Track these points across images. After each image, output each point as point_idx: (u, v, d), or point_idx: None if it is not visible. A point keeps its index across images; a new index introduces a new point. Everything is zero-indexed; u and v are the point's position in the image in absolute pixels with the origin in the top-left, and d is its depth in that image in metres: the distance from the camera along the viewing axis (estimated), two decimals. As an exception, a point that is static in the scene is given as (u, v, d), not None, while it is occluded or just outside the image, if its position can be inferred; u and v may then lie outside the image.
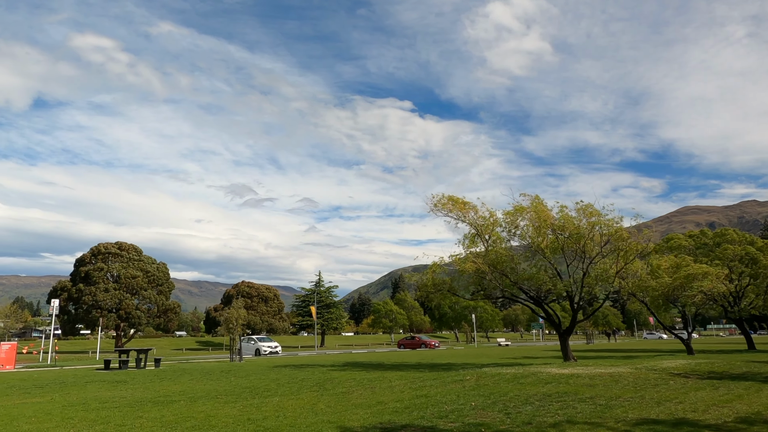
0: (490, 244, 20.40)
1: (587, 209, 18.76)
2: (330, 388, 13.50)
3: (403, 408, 9.97)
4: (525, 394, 11.55)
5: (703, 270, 22.92)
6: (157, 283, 68.96)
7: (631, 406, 9.84)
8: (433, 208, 20.61)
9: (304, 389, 13.31)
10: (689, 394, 11.23)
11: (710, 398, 10.70)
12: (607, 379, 13.96)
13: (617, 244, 18.53)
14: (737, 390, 11.90)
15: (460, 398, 11.13)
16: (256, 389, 13.49)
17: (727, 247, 30.78)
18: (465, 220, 20.61)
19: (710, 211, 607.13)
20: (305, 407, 10.25)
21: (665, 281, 23.05)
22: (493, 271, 19.57)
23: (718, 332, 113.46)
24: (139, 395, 12.68)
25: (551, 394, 11.41)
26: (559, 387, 12.58)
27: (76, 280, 65.84)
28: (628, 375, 14.83)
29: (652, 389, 12.06)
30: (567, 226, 18.26)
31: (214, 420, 9.02)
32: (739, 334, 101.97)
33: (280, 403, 11.00)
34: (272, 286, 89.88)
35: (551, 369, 16.61)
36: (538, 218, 18.52)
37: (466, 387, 13.02)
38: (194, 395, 12.49)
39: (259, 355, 40.45)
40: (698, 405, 9.90)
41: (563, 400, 10.65)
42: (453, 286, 20.50)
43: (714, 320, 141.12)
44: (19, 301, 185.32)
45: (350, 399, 11.34)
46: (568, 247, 19.02)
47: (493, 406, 9.96)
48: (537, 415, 9.01)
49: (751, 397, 10.78)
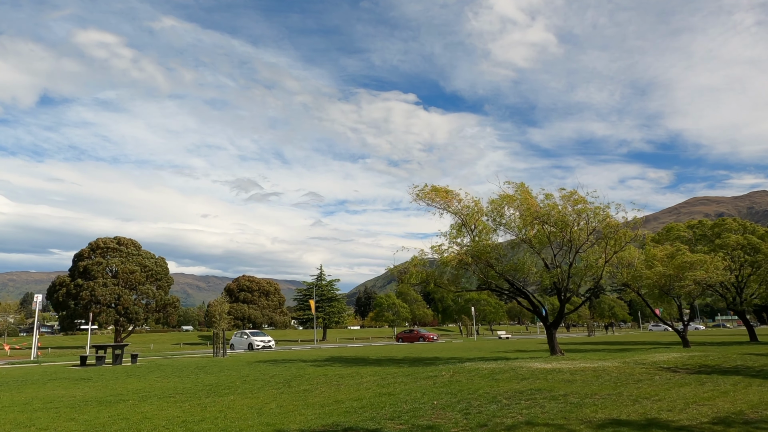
0: (476, 234, 19.63)
1: (572, 196, 17.91)
2: (295, 385, 12.85)
3: (359, 407, 9.29)
4: (496, 391, 10.84)
5: (699, 259, 22.03)
6: (156, 278, 68.66)
7: (605, 404, 9.11)
8: (416, 198, 19.84)
9: (267, 387, 12.67)
10: (671, 391, 10.47)
11: (693, 395, 9.94)
12: (589, 374, 13.21)
13: (605, 232, 17.70)
14: (724, 386, 11.13)
15: (425, 396, 10.44)
16: (217, 387, 12.86)
17: (728, 236, 29.80)
18: (449, 209, 19.83)
19: (719, 202, 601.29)
20: (254, 407, 9.59)
21: (659, 271, 22.18)
22: (478, 261, 18.81)
23: (725, 323, 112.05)
24: (91, 394, 12.08)
25: (524, 392, 10.70)
26: (535, 383, 11.86)
27: (75, 275, 65.65)
28: (612, 370, 14.06)
29: (633, 385, 11.31)
30: (552, 214, 17.43)
31: (147, 422, 8.38)
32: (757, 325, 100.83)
33: (233, 402, 10.35)
34: (275, 280, 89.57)
35: (534, 364, 15.87)
36: (523, 207, 17.71)
37: (437, 383, 12.32)
38: (148, 394, 11.87)
39: (252, 349, 39.96)
40: (677, 403, 9.15)
41: (534, 398, 9.93)
42: (437, 278, 19.76)
43: (722, 312, 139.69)
44: (29, 297, 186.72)
45: (308, 398, 10.68)
46: (554, 237, 18.21)
47: (455, 405, 9.26)
48: (497, 416, 8.31)
49: (737, 394, 10.01)
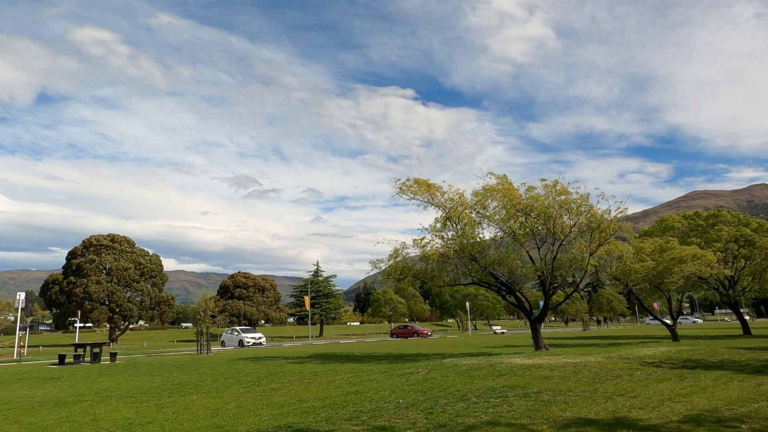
0: (461, 227, 19.20)
1: (555, 187, 17.46)
2: (265, 383, 12.47)
3: (320, 407, 8.90)
4: (468, 388, 10.45)
5: (690, 252, 21.59)
6: (150, 275, 68.30)
7: (576, 402, 8.72)
8: (399, 192, 19.41)
9: (235, 385, 12.29)
10: (649, 387, 10.09)
11: (670, 391, 9.55)
12: (569, 370, 12.83)
13: (589, 224, 17.28)
14: (705, 381, 10.74)
15: (393, 394, 10.06)
16: (184, 386, 12.48)
17: (722, 228, 29.38)
18: (433, 202, 19.40)
19: (719, 196, 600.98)
20: (212, 408, 9.21)
21: (648, 264, 21.76)
22: (461, 255, 18.40)
23: (724, 317, 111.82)
24: (52, 395, 11.70)
25: (497, 389, 10.31)
26: (511, 380, 11.48)
27: (68, 272, 65.27)
28: (593, 365, 13.68)
29: (611, 381, 10.92)
30: (535, 206, 16.99)
31: (92, 425, 8.00)
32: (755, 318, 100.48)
33: (193, 402, 9.97)
34: (276, 277, 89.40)
35: (515, 359, 15.49)
36: (506, 199, 17.27)
37: (411, 381, 11.94)
38: (110, 394, 11.49)
39: (243, 346, 39.62)
40: (652, 400, 8.76)
41: (505, 395, 9.55)
42: (421, 272, 19.35)
43: (720, 305, 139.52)
44: (29, 296, 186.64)
45: (273, 397, 10.30)
46: (538, 229, 17.79)
47: (421, 404, 8.87)
48: (460, 415, 7.93)
49: (715, 390, 9.62)
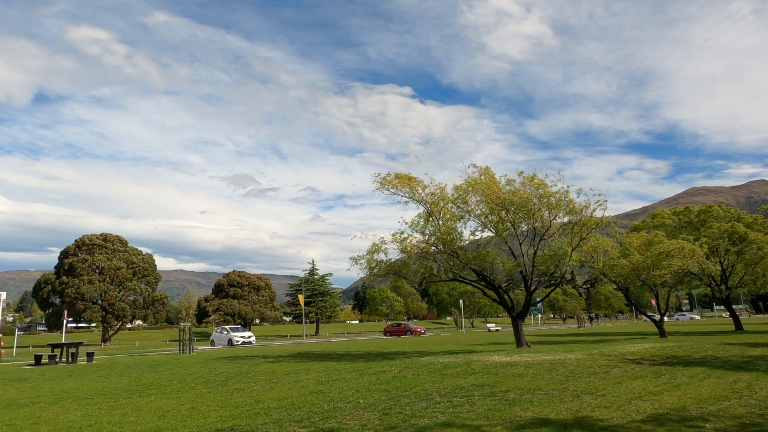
0: (442, 223, 18.82)
1: (532, 180, 17.06)
2: (231, 384, 12.11)
3: (274, 408, 8.55)
4: (436, 387, 10.10)
5: (677, 246, 21.22)
6: (143, 275, 67.91)
7: (542, 401, 8.37)
8: (380, 186, 19.01)
9: (199, 386, 11.93)
10: (621, 385, 9.73)
11: (641, 389, 9.20)
12: (545, 367, 12.47)
13: (570, 218, 16.91)
14: (681, 378, 10.39)
15: (357, 394, 9.70)
16: (148, 387, 12.12)
17: (713, 224, 29.02)
18: (414, 197, 19.01)
19: (718, 192, 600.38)
20: (163, 410, 8.85)
21: (635, 259, 21.40)
22: (441, 251, 18.04)
23: (721, 314, 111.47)
24: (9, 396, 11.35)
25: (465, 387, 9.96)
26: (483, 378, 11.11)
27: (60, 272, 64.89)
28: (571, 362, 13.32)
29: (584, 379, 10.57)
30: (514, 200, 16.59)
31: (32, 428, 7.65)
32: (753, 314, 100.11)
33: (147, 404, 9.62)
34: (275, 275, 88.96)
35: (494, 357, 15.13)
36: (486, 192, 16.88)
37: (380, 380, 11.58)
38: (69, 395, 11.13)
39: (232, 345, 39.29)
40: (620, 399, 8.41)
41: (471, 394, 9.20)
42: (402, 269, 18.97)
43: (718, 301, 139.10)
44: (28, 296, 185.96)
45: (232, 398, 9.94)
46: (519, 223, 17.42)
47: (380, 404, 8.52)
48: (416, 416, 7.58)
49: (689, 387, 9.26)
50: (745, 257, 27.06)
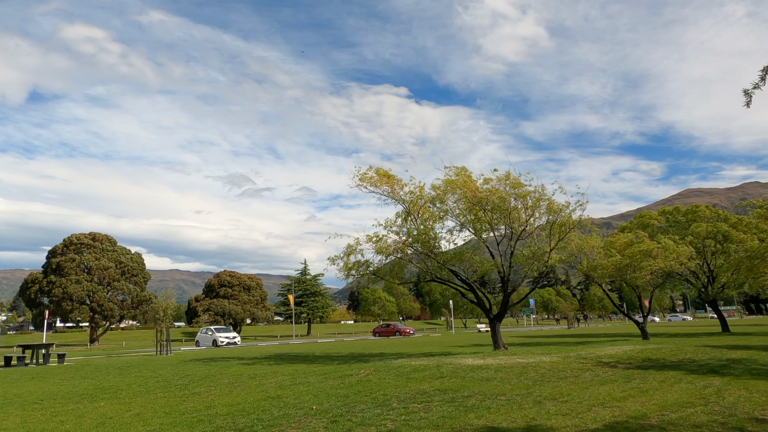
0: (420, 222, 18.46)
1: (507, 179, 16.69)
2: (192, 387, 11.72)
3: (222, 415, 8.18)
4: (398, 392, 9.75)
5: (658, 246, 20.92)
6: (131, 274, 67.26)
7: (499, 407, 8.02)
8: (359, 183, 18.62)
9: (159, 389, 11.53)
10: (588, 390, 9.40)
11: (607, 395, 8.87)
12: (516, 371, 12.13)
13: (549, 217, 16.59)
14: (651, 383, 10.07)
15: (315, 399, 9.34)
16: (105, 390, 11.72)
17: (699, 225, 28.78)
18: (393, 196, 18.64)
19: (712, 194, 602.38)
20: (107, 416, 8.48)
21: (614, 260, 21.10)
22: (418, 251, 17.70)
23: (713, 315, 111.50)
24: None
25: (427, 392, 9.61)
26: (449, 382, 10.77)
27: (48, 271, 64.21)
28: (544, 366, 12.99)
29: (551, 384, 10.23)
30: (491, 199, 16.22)
31: (-43, 436, 7.25)
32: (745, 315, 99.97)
33: (94, 409, 9.23)
34: (271, 275, 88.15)
35: (468, 360, 14.79)
36: (461, 191, 16.53)
37: (345, 384, 11.23)
38: (19, 399, 10.73)
39: (217, 345, 38.87)
40: (582, 405, 8.07)
41: (430, 400, 8.85)
42: (380, 270, 18.61)
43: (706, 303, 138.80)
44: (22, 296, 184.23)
45: (184, 403, 9.56)
46: (496, 223, 17.10)
47: (333, 410, 8.17)
48: (366, 423, 7.24)
49: (656, 393, 8.94)
50: (730, 259, 26.79)
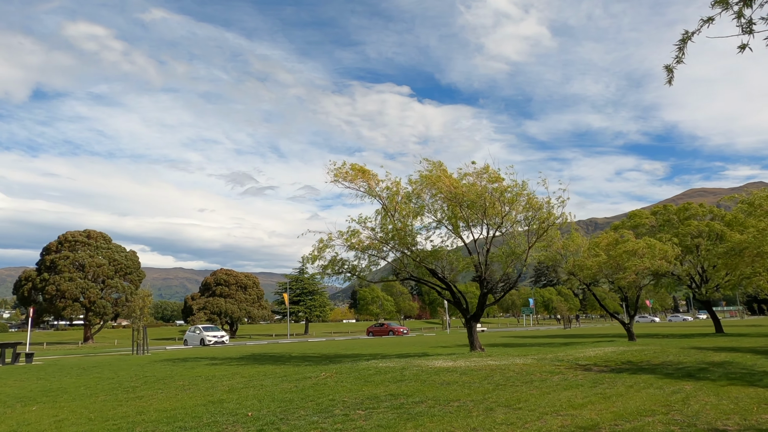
0: (398, 219, 17.86)
1: (486, 172, 16.03)
2: (140, 390, 11.17)
3: (149, 420, 7.62)
4: (345, 397, 9.18)
5: (647, 245, 20.26)
6: (125, 272, 66.93)
7: (446, 415, 7.44)
8: (334, 179, 18.02)
9: (105, 392, 11.00)
10: (548, 396, 8.80)
11: (566, 401, 8.27)
12: (482, 374, 11.54)
13: (527, 214, 15.97)
14: (618, 388, 9.46)
15: (259, 404, 8.77)
16: (49, 393, 11.19)
17: (691, 223, 28.09)
18: (370, 192, 18.03)
19: (716, 194, 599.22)
20: (28, 422, 7.95)
21: (599, 260, 20.47)
22: (395, 248, 17.12)
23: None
24: None
25: (377, 398, 9.04)
26: (406, 387, 10.19)
27: (42, 269, 63.93)
28: (515, 368, 12.39)
29: (513, 389, 9.63)
30: (467, 194, 15.56)
31: None
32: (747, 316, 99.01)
33: (21, 414, 8.72)
34: (270, 274, 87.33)
35: (437, 362, 14.20)
36: (436, 186, 15.90)
37: (298, 387, 10.66)
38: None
39: (204, 344, 38.36)
40: (534, 413, 7.48)
41: (376, 406, 8.27)
42: (355, 268, 18.02)
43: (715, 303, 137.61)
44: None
45: (118, 408, 9.02)
46: (473, 220, 16.50)
47: (267, 417, 7.60)
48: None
49: (619, 400, 8.33)
50: (724, 259, 26.08)
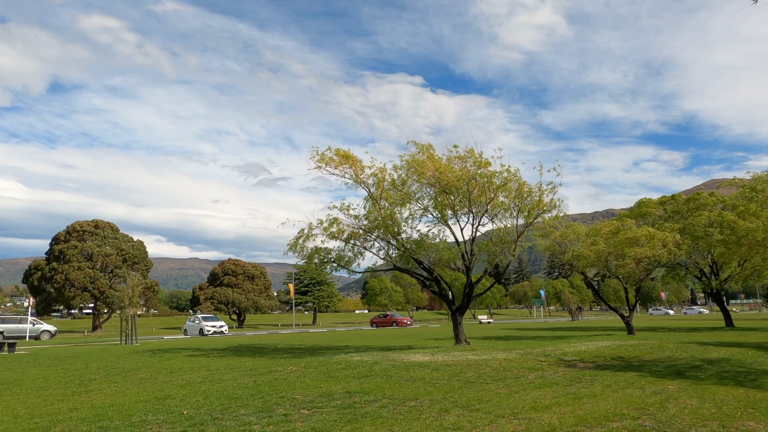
0: (386, 207, 17.13)
1: (471, 156, 15.16)
2: (98, 383, 10.70)
3: (76, 419, 7.11)
4: (298, 395, 8.58)
5: (647, 234, 19.30)
6: (133, 261, 67.22)
7: (396, 415, 6.80)
8: (318, 165, 17.32)
9: (62, 385, 10.55)
10: (515, 396, 8.10)
11: (532, 402, 7.56)
12: (455, 370, 10.85)
13: (516, 201, 15.13)
14: (595, 387, 8.72)
15: (203, 401, 8.20)
16: (2, 385, 10.76)
17: (701, 213, 26.95)
18: (356, 179, 17.33)
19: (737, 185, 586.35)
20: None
21: (597, 248, 19.56)
22: (378, 237, 16.45)
23: (732, 308, 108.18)
24: None
25: (332, 395, 8.43)
26: (368, 383, 9.56)
27: (51, 258, 64.46)
28: (493, 364, 11.68)
29: (481, 387, 8.94)
30: (451, 180, 14.68)
31: None
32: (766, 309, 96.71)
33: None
34: (285, 264, 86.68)
35: (415, 356, 13.54)
36: (420, 172, 15.11)
37: (257, 382, 10.09)
38: None
39: (203, 334, 38.16)
40: (491, 415, 6.80)
41: (326, 405, 7.66)
42: (340, 258, 17.38)
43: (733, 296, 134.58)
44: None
45: (56, 404, 8.55)
46: (460, 207, 15.72)
47: (200, 416, 7.03)
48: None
49: (590, 401, 7.59)
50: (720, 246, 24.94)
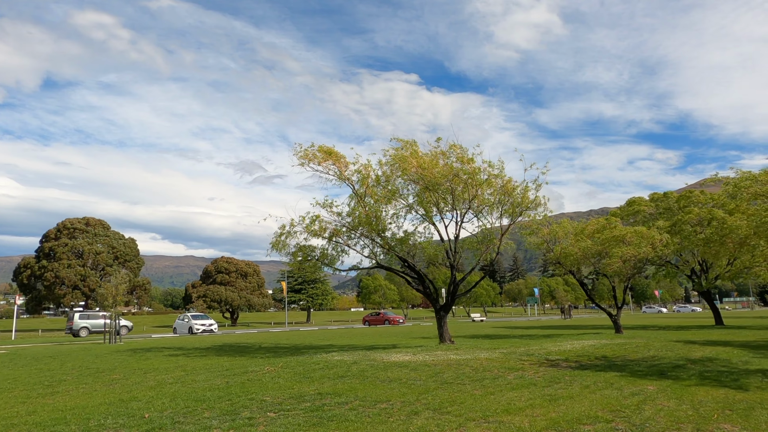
0: (372, 204, 16.88)
1: (452, 152, 14.91)
2: (67, 385, 10.41)
3: (24, 423, 6.82)
4: (268, 397, 8.33)
5: (633, 232, 19.15)
6: (124, 259, 66.76)
7: (363, 419, 6.55)
8: (302, 162, 17.03)
9: (30, 387, 10.27)
10: (490, 397, 7.87)
11: (506, 404, 7.33)
12: (435, 370, 10.62)
13: (500, 198, 14.91)
14: (573, 388, 8.50)
15: (169, 403, 7.93)
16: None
17: (691, 210, 26.83)
18: (341, 176, 17.05)
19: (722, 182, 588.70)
20: None
21: (583, 246, 19.40)
22: (362, 234, 16.19)
23: (725, 306, 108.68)
24: None
25: (303, 397, 8.18)
26: (343, 384, 9.31)
27: (41, 256, 63.93)
28: (473, 364, 11.46)
29: (458, 387, 8.71)
30: (435, 176, 14.43)
31: None
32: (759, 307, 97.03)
33: None
34: (281, 262, 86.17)
35: (396, 356, 13.30)
36: (403, 168, 14.85)
37: (229, 383, 9.83)
38: None
39: (193, 333, 37.84)
40: (461, 418, 6.59)
41: (293, 408, 7.43)
42: (324, 256, 17.13)
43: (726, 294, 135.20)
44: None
45: (17, 407, 8.28)
46: (443, 203, 15.49)
47: (161, 420, 6.77)
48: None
49: (566, 402, 7.37)
50: (725, 248, 24.84)
